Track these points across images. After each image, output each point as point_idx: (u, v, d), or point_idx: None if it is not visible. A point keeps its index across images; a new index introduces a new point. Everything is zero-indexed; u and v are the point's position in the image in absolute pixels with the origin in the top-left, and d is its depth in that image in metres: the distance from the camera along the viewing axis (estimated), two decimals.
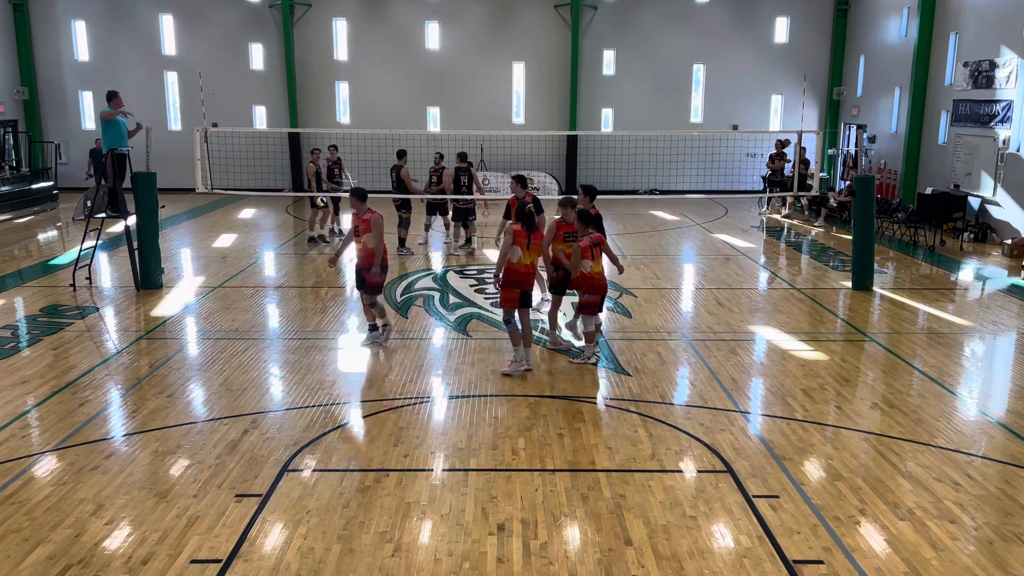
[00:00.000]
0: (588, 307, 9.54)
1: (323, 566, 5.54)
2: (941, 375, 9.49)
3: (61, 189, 23.89)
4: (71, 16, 26.11)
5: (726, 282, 14.22)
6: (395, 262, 15.78)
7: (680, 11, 26.33)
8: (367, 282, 10.12)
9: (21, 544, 5.77)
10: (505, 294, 9.27)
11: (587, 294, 9.49)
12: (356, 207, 10.09)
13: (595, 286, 9.51)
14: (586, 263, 9.37)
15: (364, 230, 9.98)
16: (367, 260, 10.00)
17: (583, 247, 9.37)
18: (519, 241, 9.16)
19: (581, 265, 9.40)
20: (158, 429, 7.80)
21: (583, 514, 6.23)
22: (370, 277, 10.05)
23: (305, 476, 6.86)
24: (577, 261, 9.39)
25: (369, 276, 10.05)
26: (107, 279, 14.21)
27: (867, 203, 13.54)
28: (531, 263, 9.29)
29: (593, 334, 9.67)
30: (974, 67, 18.71)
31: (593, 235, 9.58)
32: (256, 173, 22.98)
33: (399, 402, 8.56)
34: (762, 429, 7.90)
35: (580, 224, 9.63)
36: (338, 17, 26.48)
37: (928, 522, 6.14)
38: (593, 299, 9.54)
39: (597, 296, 9.58)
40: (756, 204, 23.48)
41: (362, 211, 10.04)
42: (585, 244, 9.37)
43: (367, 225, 9.94)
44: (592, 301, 9.54)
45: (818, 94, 26.66)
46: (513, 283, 9.23)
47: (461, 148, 17.74)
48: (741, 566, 5.55)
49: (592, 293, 9.50)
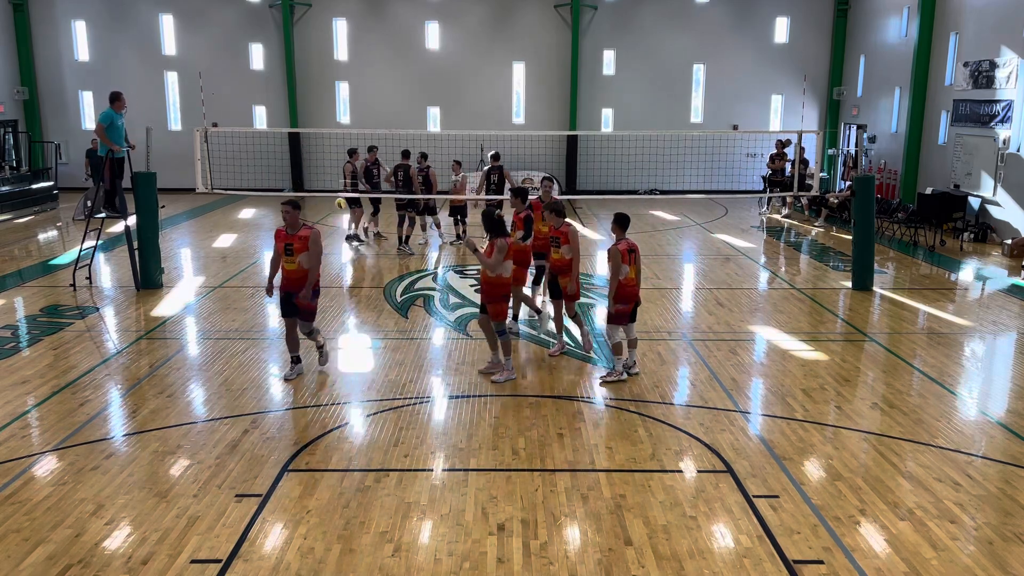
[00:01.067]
0: (619, 317, 9.07)
1: (323, 566, 5.54)
2: (941, 375, 9.49)
3: (61, 189, 23.89)
4: (71, 16, 26.10)
5: (726, 282, 14.22)
6: (395, 262, 15.80)
7: (680, 11, 26.32)
8: (301, 307, 8.90)
9: (21, 544, 5.78)
10: (496, 309, 8.97)
11: (618, 303, 9.01)
12: (290, 221, 8.78)
13: (628, 294, 9.04)
14: (624, 268, 8.93)
15: (300, 248, 8.74)
16: (300, 282, 8.79)
17: (621, 251, 8.89)
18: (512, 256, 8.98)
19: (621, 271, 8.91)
20: (158, 429, 7.80)
21: (583, 514, 6.23)
22: (302, 301, 8.84)
23: (305, 476, 6.86)
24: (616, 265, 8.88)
25: (301, 300, 8.83)
26: (107, 279, 14.21)
27: (867, 203, 13.54)
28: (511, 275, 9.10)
29: (621, 346, 9.18)
30: (974, 67, 18.71)
31: (629, 240, 9.08)
32: (256, 173, 22.99)
33: (399, 402, 8.56)
34: (762, 429, 7.90)
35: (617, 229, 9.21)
36: (338, 17, 26.48)
37: (928, 522, 6.14)
38: (625, 308, 9.05)
39: (629, 305, 9.09)
40: (756, 204, 23.48)
41: (296, 226, 8.79)
42: (623, 248, 8.90)
43: (304, 243, 8.72)
44: (624, 311, 9.06)
45: (818, 94, 26.65)
46: (504, 297, 9.05)
47: (461, 148, 17.87)
48: (741, 566, 5.55)
49: (624, 302, 9.02)
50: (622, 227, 9.11)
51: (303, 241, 8.72)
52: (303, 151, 26.58)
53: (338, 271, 15.25)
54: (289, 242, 8.76)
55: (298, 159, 26.48)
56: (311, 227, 8.87)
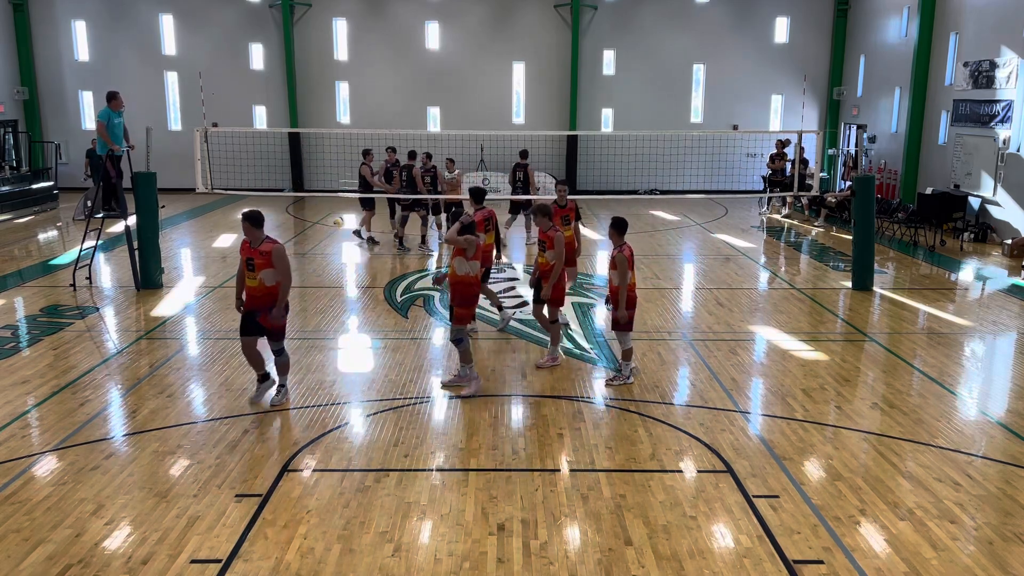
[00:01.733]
0: (629, 323, 9.00)
1: (323, 566, 5.54)
2: (941, 375, 9.49)
3: (61, 189, 23.89)
4: (71, 16, 26.10)
5: (726, 282, 14.22)
6: (395, 261, 15.80)
7: (680, 11, 26.32)
8: (268, 326, 8.21)
9: (21, 544, 5.78)
10: (463, 312, 8.69)
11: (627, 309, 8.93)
12: (250, 235, 8.13)
13: (633, 299, 9.02)
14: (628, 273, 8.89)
15: (262, 263, 8.03)
16: (264, 300, 8.11)
17: (627, 257, 8.82)
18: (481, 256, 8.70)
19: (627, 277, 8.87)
20: (158, 429, 7.80)
21: (583, 514, 6.23)
22: (271, 319, 8.18)
23: (305, 476, 6.86)
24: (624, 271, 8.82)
25: (269, 318, 8.16)
26: (107, 279, 14.21)
27: (867, 203, 13.54)
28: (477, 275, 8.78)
29: (632, 351, 9.16)
30: (974, 67, 18.71)
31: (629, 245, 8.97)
32: (256, 173, 23.00)
33: (399, 402, 8.55)
34: (762, 429, 7.90)
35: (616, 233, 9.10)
36: (338, 17, 26.47)
37: (928, 522, 6.14)
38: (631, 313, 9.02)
39: (635, 310, 9.06)
40: (756, 204, 23.48)
41: (258, 240, 8.11)
42: (627, 254, 8.84)
43: (266, 258, 8.02)
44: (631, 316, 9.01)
45: (818, 94, 26.65)
46: (470, 299, 8.71)
47: (461, 148, 17.92)
48: (741, 566, 5.55)
49: (630, 307, 8.96)
50: (620, 232, 8.98)
51: (265, 257, 8.02)
52: (303, 151, 26.57)
53: (338, 271, 15.26)
54: (250, 256, 8.10)
55: (298, 159, 26.47)
56: (274, 242, 8.12)
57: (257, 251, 8.07)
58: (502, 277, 14.36)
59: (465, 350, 8.81)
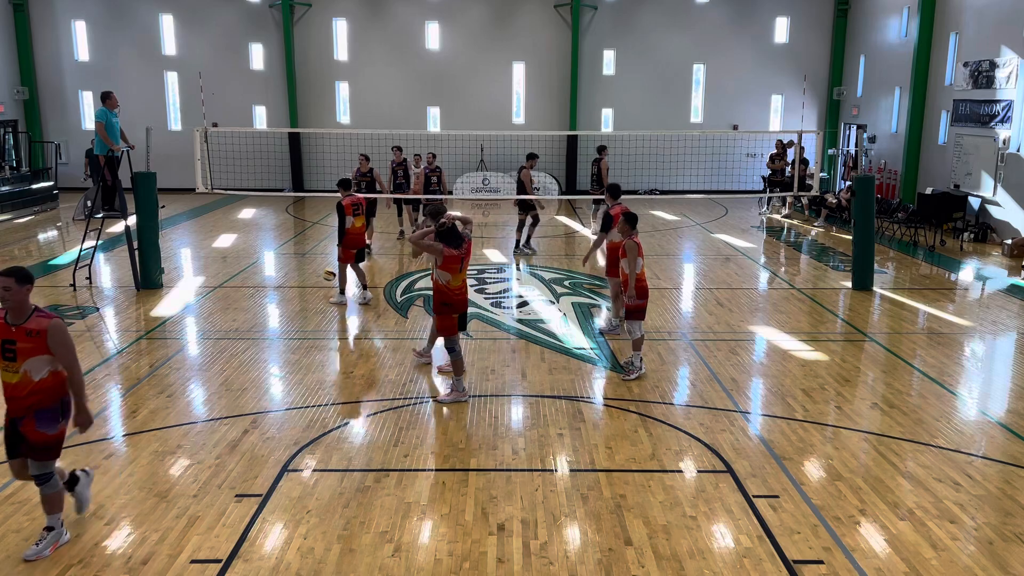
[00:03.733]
0: (639, 312, 9.06)
1: (323, 566, 5.54)
2: (941, 375, 9.49)
3: (61, 189, 23.88)
4: (71, 16, 26.09)
5: (726, 282, 14.22)
6: (395, 261, 15.80)
7: (680, 11, 26.32)
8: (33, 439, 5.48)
9: (21, 544, 5.77)
10: (443, 322, 8.50)
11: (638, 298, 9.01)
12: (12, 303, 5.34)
13: (645, 288, 9.11)
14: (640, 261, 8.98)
15: (28, 349, 5.33)
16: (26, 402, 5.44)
17: (637, 244, 8.85)
18: (451, 266, 8.34)
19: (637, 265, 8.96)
20: (158, 429, 7.80)
21: (583, 514, 6.23)
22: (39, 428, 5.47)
23: (305, 476, 6.86)
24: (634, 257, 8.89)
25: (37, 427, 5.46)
26: (107, 279, 14.21)
27: (867, 203, 13.54)
28: (462, 283, 8.53)
29: (641, 341, 9.17)
30: (974, 67, 18.71)
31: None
32: (256, 173, 23.01)
33: (399, 402, 8.55)
34: (762, 429, 7.90)
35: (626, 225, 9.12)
36: (338, 17, 26.47)
37: (928, 522, 6.14)
38: (643, 303, 9.08)
39: (646, 300, 9.14)
40: (756, 204, 23.48)
41: (24, 313, 5.37)
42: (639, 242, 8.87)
43: (37, 342, 5.34)
44: (642, 305, 9.08)
45: (818, 94, 26.65)
46: (450, 307, 8.50)
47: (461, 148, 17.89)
48: (741, 566, 5.55)
49: (642, 297, 9.04)
50: (631, 225, 9.15)
51: (34, 340, 5.33)
52: (303, 151, 26.57)
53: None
54: (8, 339, 5.35)
55: (298, 159, 26.47)
56: (50, 316, 5.42)
57: (21, 329, 5.34)
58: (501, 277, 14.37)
59: (457, 360, 8.58)
